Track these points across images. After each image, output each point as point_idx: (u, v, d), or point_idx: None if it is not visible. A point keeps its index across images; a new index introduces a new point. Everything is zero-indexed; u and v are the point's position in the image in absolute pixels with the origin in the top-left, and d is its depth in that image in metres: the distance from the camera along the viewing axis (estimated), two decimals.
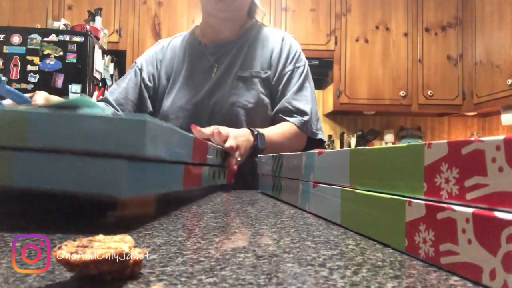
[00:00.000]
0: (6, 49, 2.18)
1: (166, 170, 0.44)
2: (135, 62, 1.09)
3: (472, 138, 0.22)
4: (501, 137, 0.20)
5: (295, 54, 1.04)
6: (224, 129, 0.79)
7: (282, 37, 1.05)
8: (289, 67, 1.02)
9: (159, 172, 0.41)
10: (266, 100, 1.00)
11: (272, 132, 0.92)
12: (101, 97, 1.01)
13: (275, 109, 1.00)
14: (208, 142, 0.62)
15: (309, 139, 1.03)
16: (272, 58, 1.02)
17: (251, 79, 0.99)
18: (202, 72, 1.01)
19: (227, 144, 0.75)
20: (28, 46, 2.18)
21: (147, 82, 1.05)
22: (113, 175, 0.32)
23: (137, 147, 0.32)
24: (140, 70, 1.06)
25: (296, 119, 0.98)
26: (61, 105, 0.37)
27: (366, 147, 0.34)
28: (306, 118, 0.98)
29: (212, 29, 1.04)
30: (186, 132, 0.48)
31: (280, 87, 1.01)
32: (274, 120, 1.01)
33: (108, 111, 0.51)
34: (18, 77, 2.16)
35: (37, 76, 2.17)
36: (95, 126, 0.32)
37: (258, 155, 0.83)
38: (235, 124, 0.94)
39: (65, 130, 0.32)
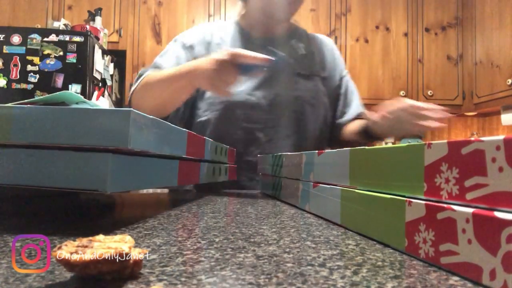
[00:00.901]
0: (6, 49, 2.17)
1: (158, 165, 0.43)
2: (176, 40, 1.01)
3: (472, 138, 0.22)
4: (501, 137, 0.20)
5: (342, 59, 1.11)
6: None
7: (331, 41, 1.11)
8: (344, 72, 1.08)
9: (149, 167, 0.41)
10: (325, 100, 1.02)
11: None
12: (147, 72, 0.93)
13: (350, 114, 1.03)
14: (205, 137, 0.62)
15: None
16: (328, 61, 1.05)
17: (312, 77, 1.00)
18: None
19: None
20: (28, 46, 2.18)
21: None
22: (98, 170, 0.31)
23: (121, 140, 0.31)
24: (191, 47, 0.98)
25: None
26: (45, 100, 0.37)
27: (366, 147, 0.34)
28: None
29: (263, 26, 1.01)
30: (178, 127, 0.47)
31: (342, 91, 1.05)
32: (352, 120, 1.03)
33: (92, 104, 0.51)
34: (18, 77, 2.16)
35: (37, 76, 2.17)
36: (79, 119, 0.32)
37: (259, 156, 0.84)
38: (297, 118, 0.96)
39: (49, 125, 0.32)
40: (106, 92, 2.48)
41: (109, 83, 2.55)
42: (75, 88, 2.17)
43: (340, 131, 1.05)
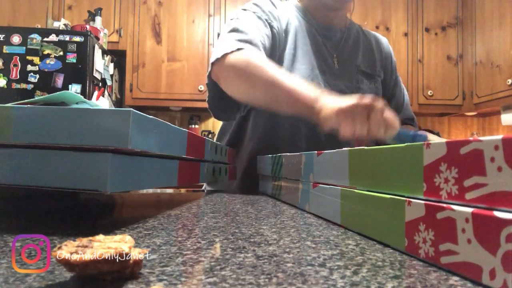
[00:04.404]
0: (6, 49, 2.17)
1: (158, 165, 0.43)
2: (254, 10, 0.88)
3: (471, 138, 0.22)
4: (500, 136, 0.20)
5: (395, 59, 1.08)
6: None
7: (386, 40, 1.08)
8: (396, 73, 1.06)
9: (149, 167, 0.41)
10: None
11: None
12: (241, 37, 0.80)
13: (402, 115, 1.01)
14: (205, 138, 0.61)
15: None
16: (386, 61, 1.03)
17: (374, 76, 0.98)
18: (320, 54, 0.91)
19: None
20: (28, 46, 2.18)
21: (277, 39, 0.87)
22: (98, 170, 0.31)
23: (121, 140, 0.31)
24: (270, 23, 0.87)
25: (415, 126, 1.05)
26: (45, 100, 0.37)
27: (366, 147, 0.34)
28: (416, 121, 1.07)
29: (322, 16, 0.95)
30: (178, 127, 0.47)
31: (397, 91, 1.03)
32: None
33: (93, 104, 0.50)
34: (18, 77, 2.16)
35: (37, 76, 2.17)
36: (79, 119, 0.32)
37: (258, 156, 0.83)
38: None
39: (49, 125, 0.32)
40: (106, 92, 2.48)
41: (109, 83, 2.55)
42: (75, 88, 2.17)
43: None
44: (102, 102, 2.34)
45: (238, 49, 0.76)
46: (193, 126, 2.90)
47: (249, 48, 0.77)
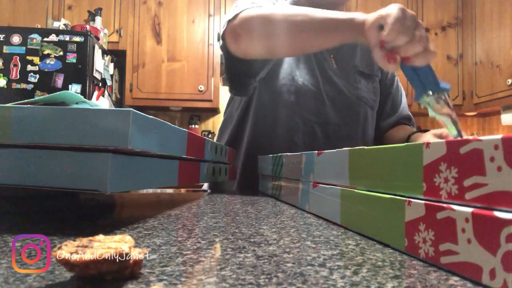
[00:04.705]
0: (6, 49, 2.17)
1: (158, 165, 0.43)
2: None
3: (471, 137, 0.22)
4: (499, 136, 0.20)
5: None
6: None
7: None
8: (394, 73, 1.04)
9: (149, 167, 0.41)
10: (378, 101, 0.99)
11: None
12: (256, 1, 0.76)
13: (399, 115, 1.00)
14: (205, 138, 0.61)
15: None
16: None
17: (372, 76, 0.97)
18: (319, 53, 0.91)
19: None
20: (28, 46, 2.18)
21: None
22: (98, 170, 0.31)
23: (121, 140, 0.31)
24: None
25: (413, 126, 1.03)
26: (45, 100, 0.37)
27: (365, 147, 0.34)
28: (413, 121, 1.05)
29: None
30: (179, 127, 0.47)
31: (393, 90, 1.02)
32: (395, 124, 1.00)
33: (93, 104, 0.49)
34: (18, 77, 2.16)
35: (37, 76, 2.17)
36: (79, 119, 0.32)
37: (259, 156, 0.83)
38: (358, 120, 0.92)
39: (49, 125, 0.32)
40: (106, 92, 2.48)
41: (109, 83, 2.55)
42: (75, 88, 2.17)
43: (383, 133, 1.01)
44: (102, 102, 2.34)
45: (241, 11, 0.72)
46: (193, 126, 2.90)
47: (252, 6, 0.73)
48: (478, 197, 0.21)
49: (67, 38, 2.21)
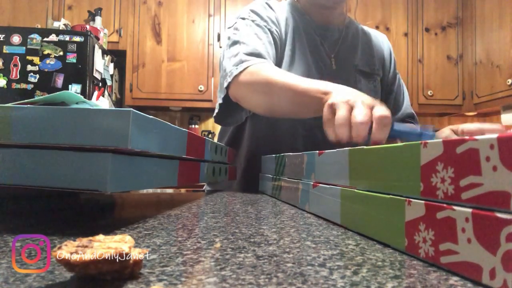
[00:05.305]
0: (6, 49, 2.17)
1: (158, 165, 0.43)
2: (247, 19, 0.87)
3: (467, 137, 0.22)
4: (495, 135, 0.20)
5: (394, 56, 1.07)
6: None
7: (385, 37, 1.07)
8: (396, 71, 1.05)
9: (149, 167, 0.40)
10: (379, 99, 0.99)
11: None
12: (244, 49, 0.79)
13: (402, 113, 1.01)
14: (205, 138, 0.61)
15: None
16: (385, 59, 1.02)
17: (373, 75, 0.97)
18: (317, 54, 0.91)
19: None
20: (28, 46, 2.18)
21: (278, 43, 0.87)
22: (98, 170, 0.31)
23: (121, 140, 0.31)
24: (269, 28, 0.86)
25: (416, 124, 1.02)
26: (45, 100, 0.37)
27: (365, 147, 0.34)
28: (416, 119, 1.06)
29: (319, 14, 0.94)
30: (179, 127, 0.47)
31: (395, 88, 1.02)
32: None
33: (93, 104, 0.49)
34: (18, 77, 2.16)
35: (37, 76, 2.17)
36: (79, 119, 0.32)
37: (262, 156, 0.83)
38: None
39: (49, 125, 0.32)
40: (106, 92, 2.48)
41: (109, 83, 2.55)
42: (75, 88, 2.17)
43: None
44: (102, 102, 2.34)
45: (245, 68, 0.76)
46: (193, 126, 2.90)
47: (254, 61, 0.77)
48: (474, 197, 0.21)
49: (67, 38, 2.21)
